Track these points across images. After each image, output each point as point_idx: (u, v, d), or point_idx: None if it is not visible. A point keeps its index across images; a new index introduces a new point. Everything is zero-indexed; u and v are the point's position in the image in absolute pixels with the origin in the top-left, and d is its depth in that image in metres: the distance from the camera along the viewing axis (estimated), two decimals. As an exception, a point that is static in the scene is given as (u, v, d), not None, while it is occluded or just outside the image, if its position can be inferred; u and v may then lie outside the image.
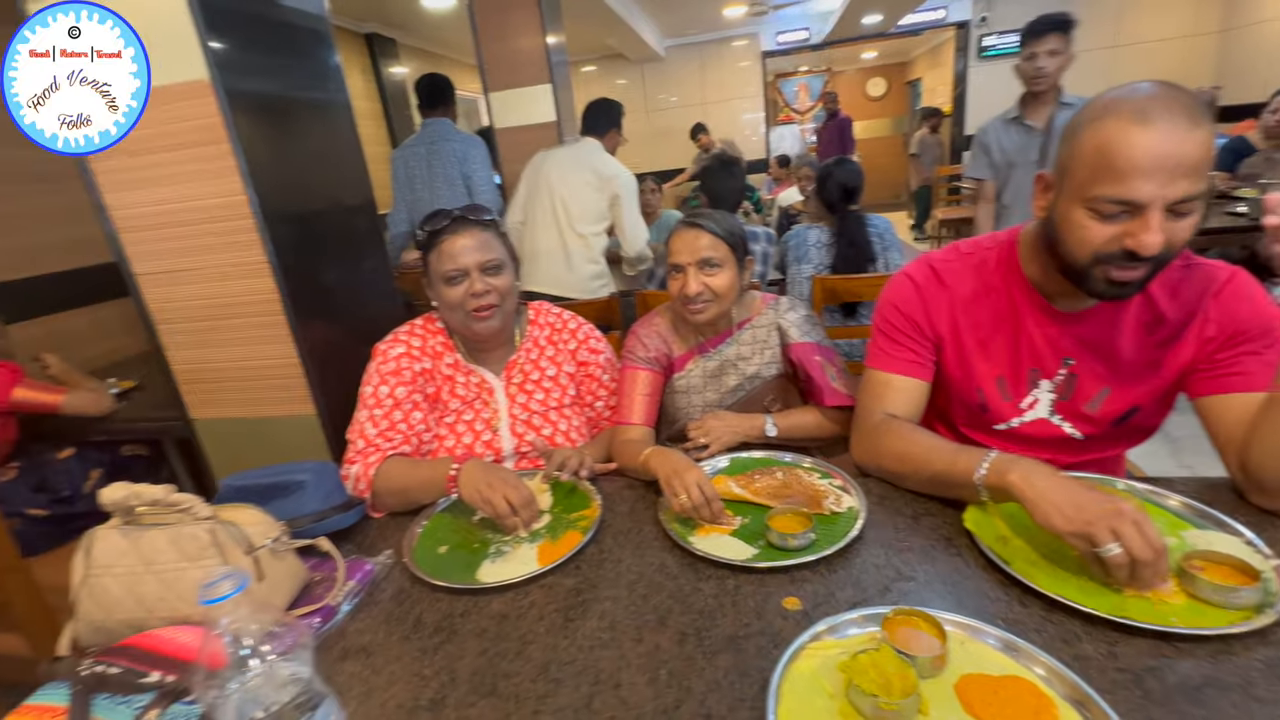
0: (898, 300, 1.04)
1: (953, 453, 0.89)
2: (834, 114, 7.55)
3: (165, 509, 0.75)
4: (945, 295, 1.01)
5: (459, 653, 0.75)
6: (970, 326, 1.00)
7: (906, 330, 1.03)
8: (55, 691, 0.64)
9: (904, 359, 1.03)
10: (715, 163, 2.36)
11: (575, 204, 2.42)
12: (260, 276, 1.12)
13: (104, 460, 1.93)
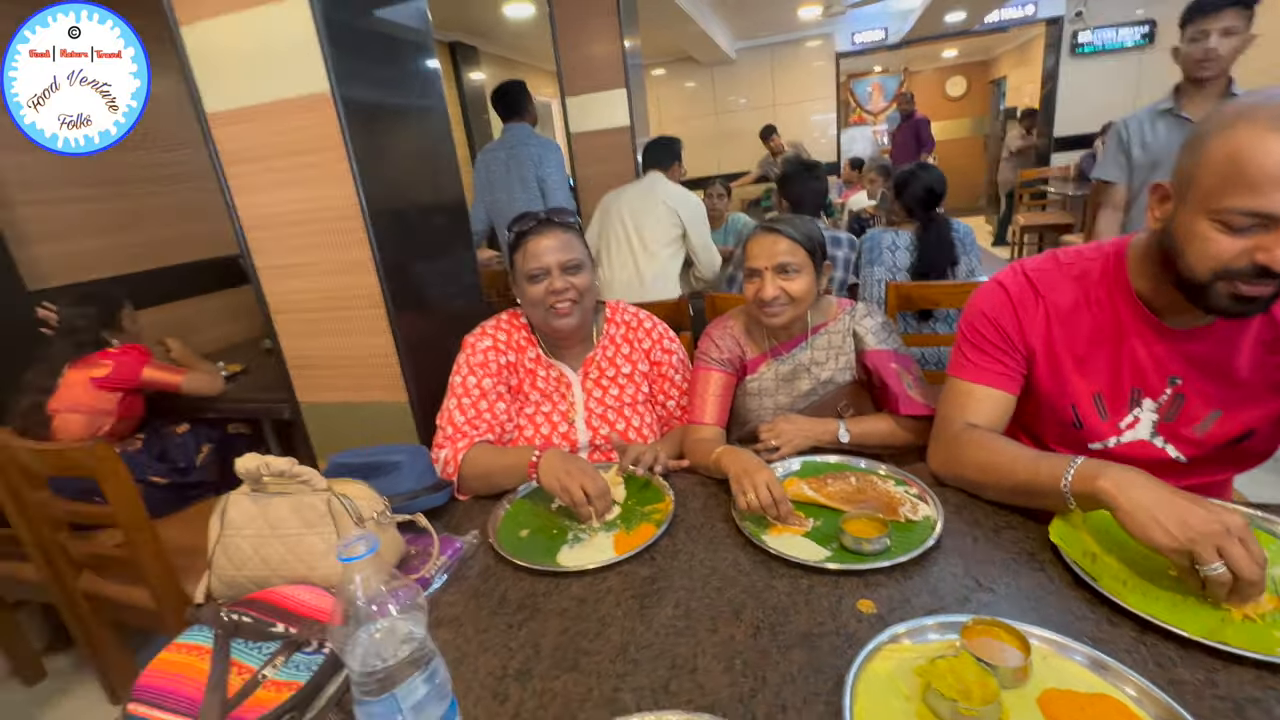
0: (988, 309, 1.01)
1: (1036, 460, 0.87)
2: (909, 115, 7.32)
3: (288, 480, 0.84)
4: (1041, 306, 0.97)
5: (542, 630, 0.79)
6: (1067, 340, 0.96)
7: (995, 341, 1.00)
8: (200, 633, 0.72)
9: (990, 370, 1.01)
10: (798, 166, 2.35)
11: (646, 229, 2.52)
12: (365, 272, 1.22)
13: (213, 436, 2.12)
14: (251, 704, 0.64)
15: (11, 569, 1.74)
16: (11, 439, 1.50)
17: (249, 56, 1.13)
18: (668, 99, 8.14)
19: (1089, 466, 0.80)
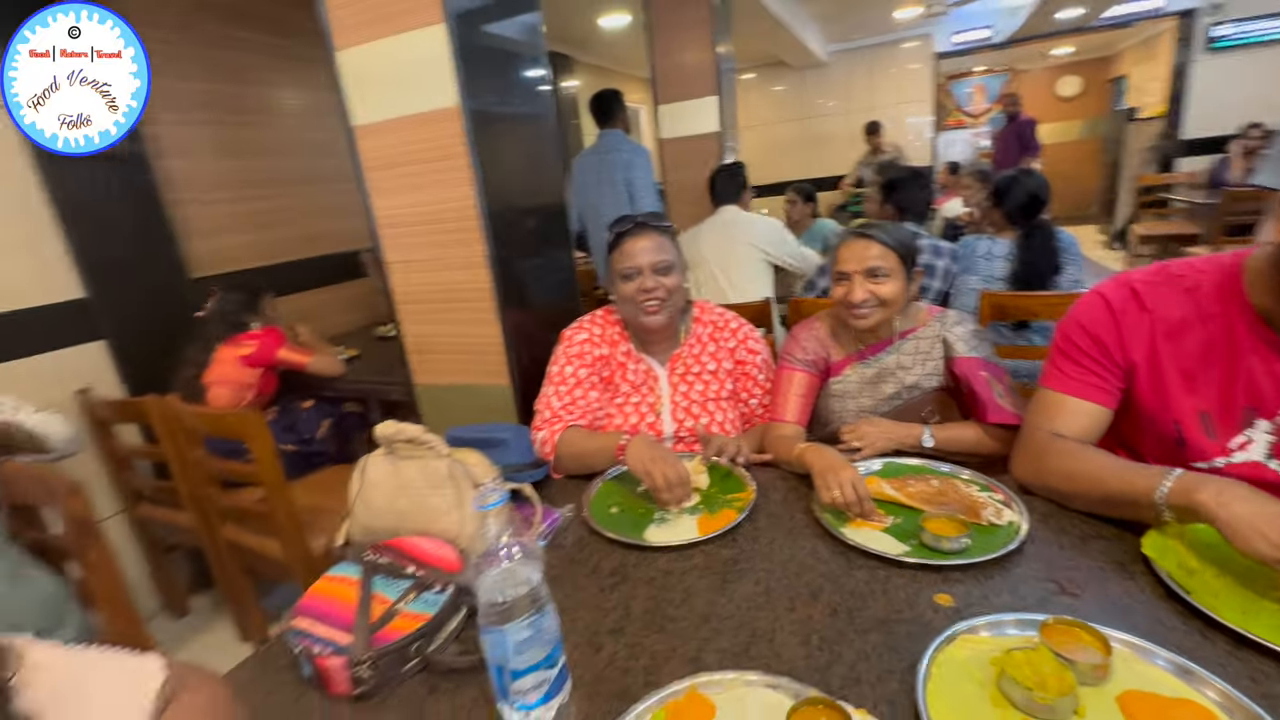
0: (1086, 321, 0.99)
1: (1130, 471, 0.85)
2: (1015, 116, 6.91)
3: (418, 445, 0.96)
4: (1145, 319, 0.95)
5: (632, 595, 0.87)
6: (1173, 355, 0.93)
7: (1093, 353, 0.98)
8: (349, 567, 0.85)
9: (1084, 381, 0.99)
10: (906, 173, 2.33)
11: (733, 269, 2.54)
12: (478, 268, 1.35)
13: (332, 413, 2.37)
14: (390, 629, 0.76)
15: (170, 516, 2.03)
16: (178, 403, 1.76)
17: (392, 76, 1.28)
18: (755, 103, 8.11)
19: (1188, 479, 0.78)
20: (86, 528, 1.18)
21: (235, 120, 2.62)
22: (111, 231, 2.08)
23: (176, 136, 2.35)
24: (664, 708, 0.66)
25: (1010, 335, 2.14)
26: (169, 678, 0.62)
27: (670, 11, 3.01)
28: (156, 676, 0.61)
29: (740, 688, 0.68)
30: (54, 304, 1.97)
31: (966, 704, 0.63)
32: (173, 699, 0.61)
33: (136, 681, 0.60)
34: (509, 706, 0.65)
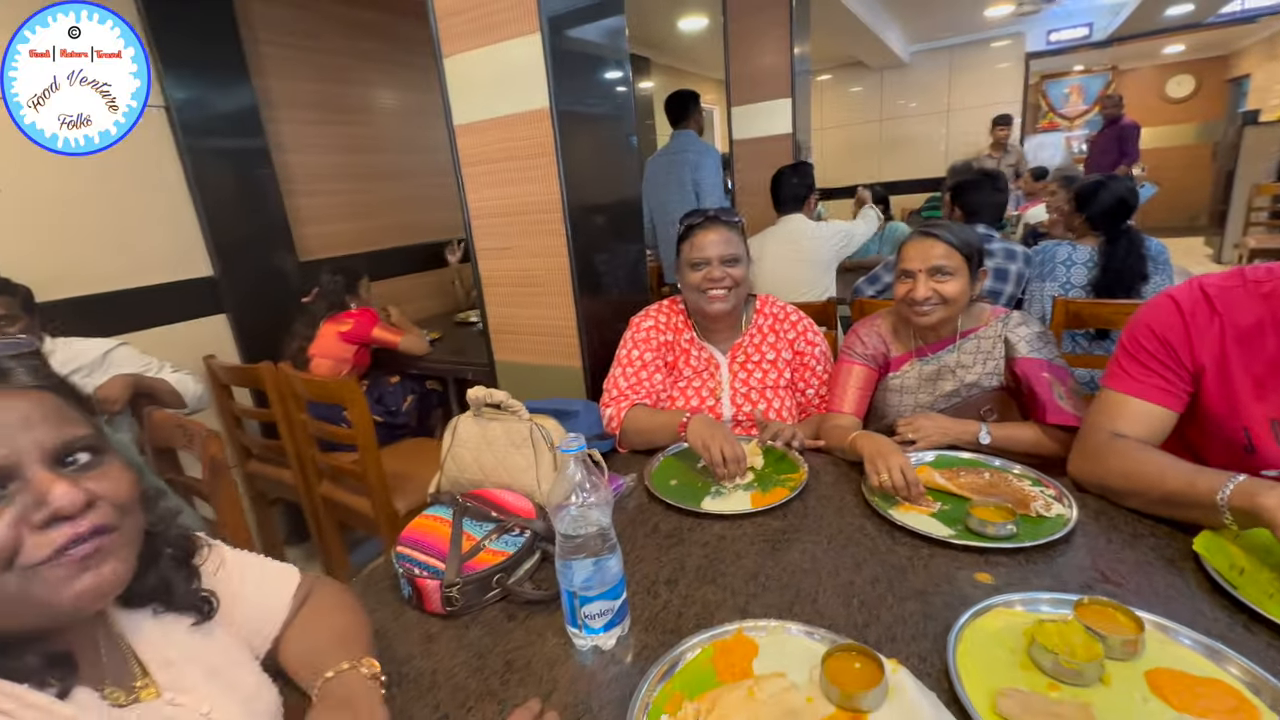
0: (1154, 323, 1.00)
1: (1191, 472, 0.86)
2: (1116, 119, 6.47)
3: (503, 409, 1.08)
4: (1216, 323, 0.94)
5: (687, 554, 0.96)
6: (1244, 360, 0.92)
7: (1159, 355, 0.98)
8: (440, 509, 0.98)
9: (1148, 383, 0.99)
10: (978, 175, 2.31)
11: (803, 282, 2.54)
12: (559, 256, 1.47)
13: (416, 389, 2.57)
14: (477, 560, 0.88)
15: (275, 473, 2.27)
16: (289, 370, 1.98)
17: (491, 80, 1.42)
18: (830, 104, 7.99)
19: (1251, 483, 0.79)
20: (220, 468, 1.38)
21: (341, 119, 2.88)
22: (237, 218, 2.35)
23: (292, 133, 2.62)
24: (713, 644, 0.74)
25: (1087, 345, 2.07)
26: (305, 579, 0.76)
27: (749, 14, 3.06)
28: (295, 579, 0.75)
29: (782, 634, 0.75)
30: (189, 280, 2.25)
31: (995, 667, 0.68)
32: (309, 598, 0.75)
33: (282, 577, 0.74)
34: (577, 629, 0.76)
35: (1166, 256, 2.07)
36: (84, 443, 0.50)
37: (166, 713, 0.54)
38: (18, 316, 1.64)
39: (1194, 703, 0.61)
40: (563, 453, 0.72)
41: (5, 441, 0.46)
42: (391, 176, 3.08)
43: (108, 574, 0.48)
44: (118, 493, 0.50)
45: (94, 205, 2.00)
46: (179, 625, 0.60)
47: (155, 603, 0.59)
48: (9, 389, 0.48)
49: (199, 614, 0.60)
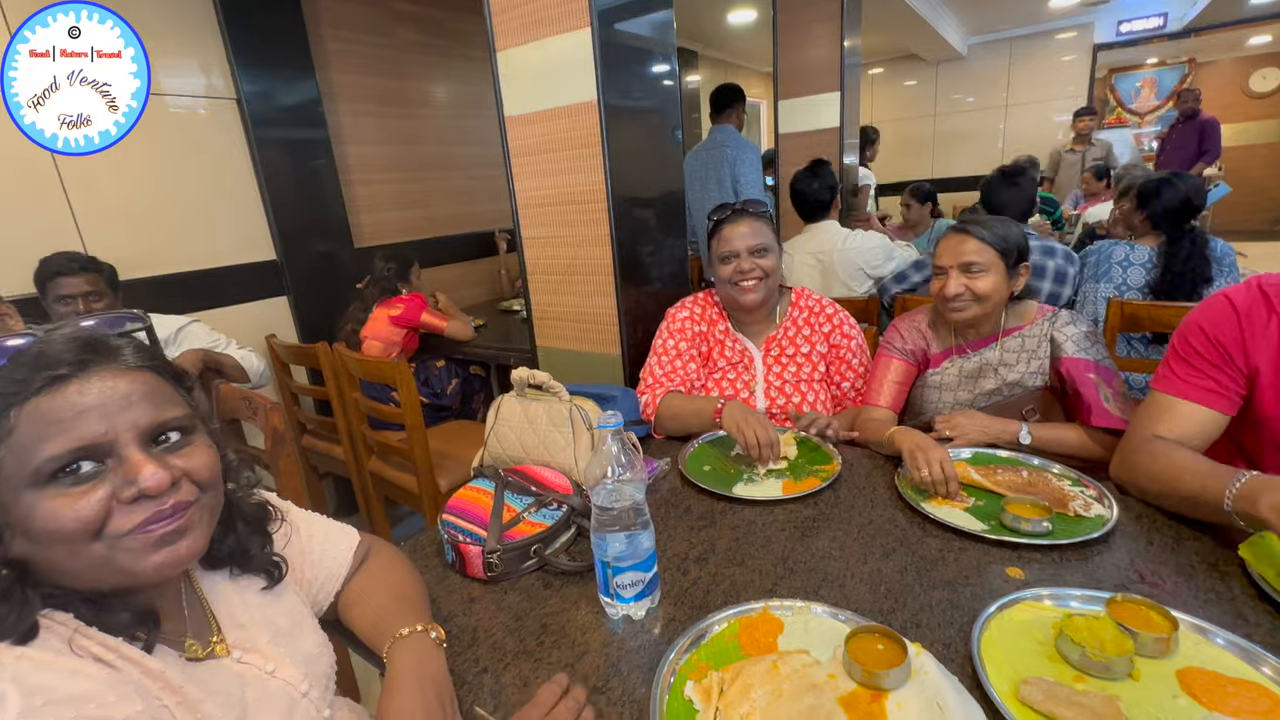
0: (1208, 323, 0.97)
1: (1206, 473, 0.85)
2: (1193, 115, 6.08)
3: (544, 391, 1.13)
4: (1274, 323, 0.92)
5: (717, 535, 0.98)
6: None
7: (1211, 357, 0.96)
8: (483, 482, 1.03)
9: (1199, 385, 0.97)
10: (996, 175, 2.23)
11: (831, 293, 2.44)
12: (602, 246, 1.51)
13: (460, 373, 2.66)
14: (516, 530, 0.92)
15: (328, 448, 2.39)
16: (344, 350, 2.08)
17: (541, 73, 1.46)
18: (883, 98, 7.80)
19: (1254, 484, 0.78)
20: (282, 439, 1.47)
21: (397, 112, 2.98)
22: (298, 205, 2.47)
23: (351, 125, 2.73)
24: (739, 620, 0.77)
25: (1143, 349, 2.00)
26: (361, 541, 0.82)
27: (799, 7, 3.03)
28: (355, 538, 0.81)
29: (807, 614, 0.77)
30: (255, 263, 2.38)
31: (1020, 656, 0.68)
32: (368, 557, 0.81)
33: (344, 536, 0.80)
34: (609, 597, 0.79)
35: (1233, 259, 1.97)
36: (177, 422, 0.55)
37: (236, 669, 0.59)
38: (104, 293, 1.78)
39: (1225, 702, 0.61)
40: (600, 429, 0.76)
41: (105, 419, 0.50)
42: (442, 167, 3.18)
43: (184, 548, 0.53)
44: (201, 471, 0.55)
45: (172, 191, 2.14)
46: (253, 587, 0.66)
47: (232, 565, 0.65)
48: (117, 368, 0.53)
49: (270, 578, 0.66)
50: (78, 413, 0.49)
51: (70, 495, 0.49)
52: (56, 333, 0.53)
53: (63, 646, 0.48)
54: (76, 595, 0.51)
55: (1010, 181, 2.16)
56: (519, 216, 1.64)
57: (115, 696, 0.47)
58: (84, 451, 0.49)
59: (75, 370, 0.50)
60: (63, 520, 0.48)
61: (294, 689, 0.61)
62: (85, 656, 0.49)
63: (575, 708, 0.63)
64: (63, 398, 0.49)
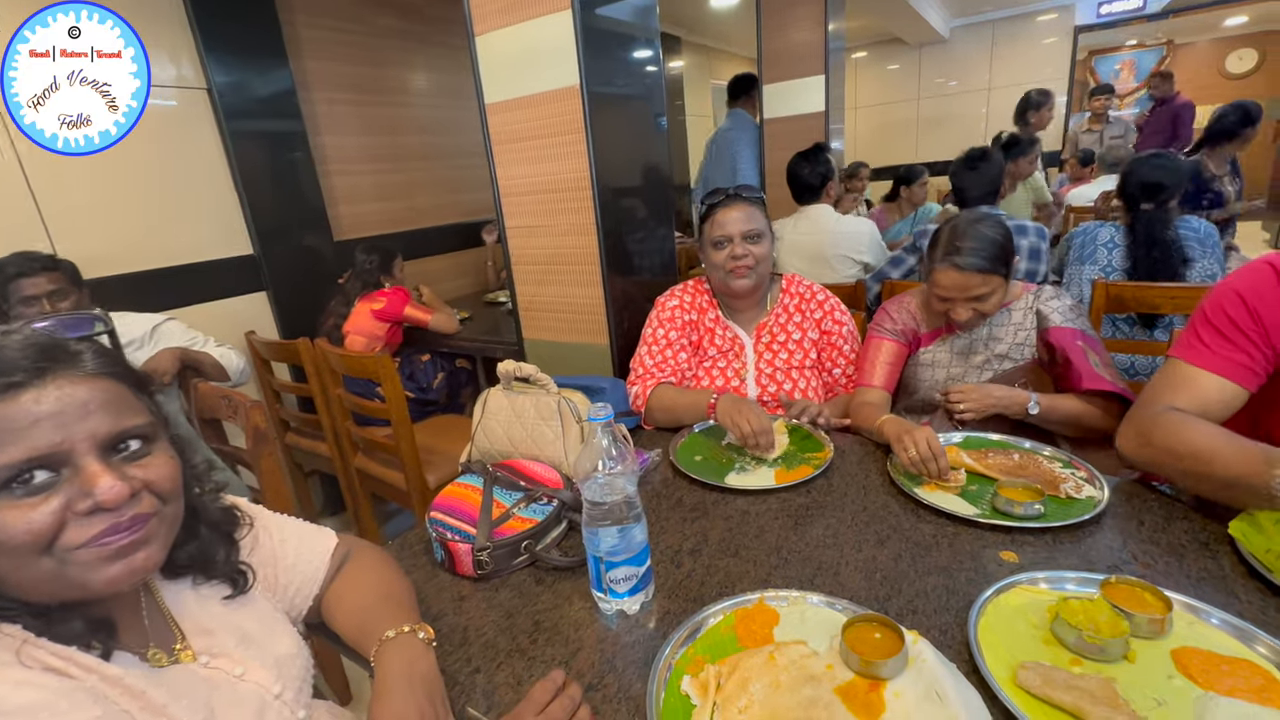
0: (1247, 291, 0.89)
1: (1244, 450, 0.80)
2: (1166, 99, 6.07)
3: (531, 383, 1.11)
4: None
5: (710, 526, 0.97)
6: None
7: (1245, 327, 0.89)
8: (471, 478, 1.01)
9: (1227, 357, 0.89)
10: (960, 160, 2.22)
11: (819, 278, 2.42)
12: (587, 235, 1.48)
13: (446, 366, 2.62)
14: (506, 527, 0.91)
15: (312, 445, 2.35)
16: (325, 346, 2.04)
17: (522, 57, 1.43)
18: (867, 82, 7.78)
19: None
20: (264, 437, 1.44)
21: (375, 101, 2.92)
22: (276, 198, 2.41)
23: (328, 115, 2.67)
24: (734, 612, 0.76)
25: (1129, 330, 2.01)
26: (340, 543, 0.79)
27: (782, -11, 3.00)
28: (332, 540, 0.79)
29: (803, 604, 0.76)
30: (232, 258, 2.33)
31: (1017, 641, 0.68)
32: (349, 558, 0.79)
33: (319, 539, 0.78)
34: (603, 593, 0.78)
35: (1215, 238, 1.98)
36: (138, 431, 0.52)
37: (203, 674, 0.57)
38: (68, 291, 1.71)
39: (1220, 681, 0.61)
40: (590, 421, 0.74)
41: (61, 429, 0.47)
42: (424, 157, 3.13)
43: (140, 561, 0.51)
44: (162, 482, 0.53)
45: (143, 186, 2.07)
46: (216, 595, 0.63)
47: (195, 573, 0.62)
48: (75, 374, 0.50)
49: (235, 586, 0.64)
50: (32, 421, 0.47)
51: (22, 506, 0.46)
52: (11, 336, 0.50)
53: (9, 658, 0.46)
54: (25, 607, 0.49)
55: (970, 166, 2.16)
56: (502, 206, 1.61)
57: (68, 704, 0.45)
58: (38, 461, 0.47)
59: (31, 377, 0.48)
60: (12, 531, 0.45)
61: (265, 691, 0.60)
62: (35, 667, 0.47)
63: (570, 705, 0.62)
64: (17, 405, 0.47)
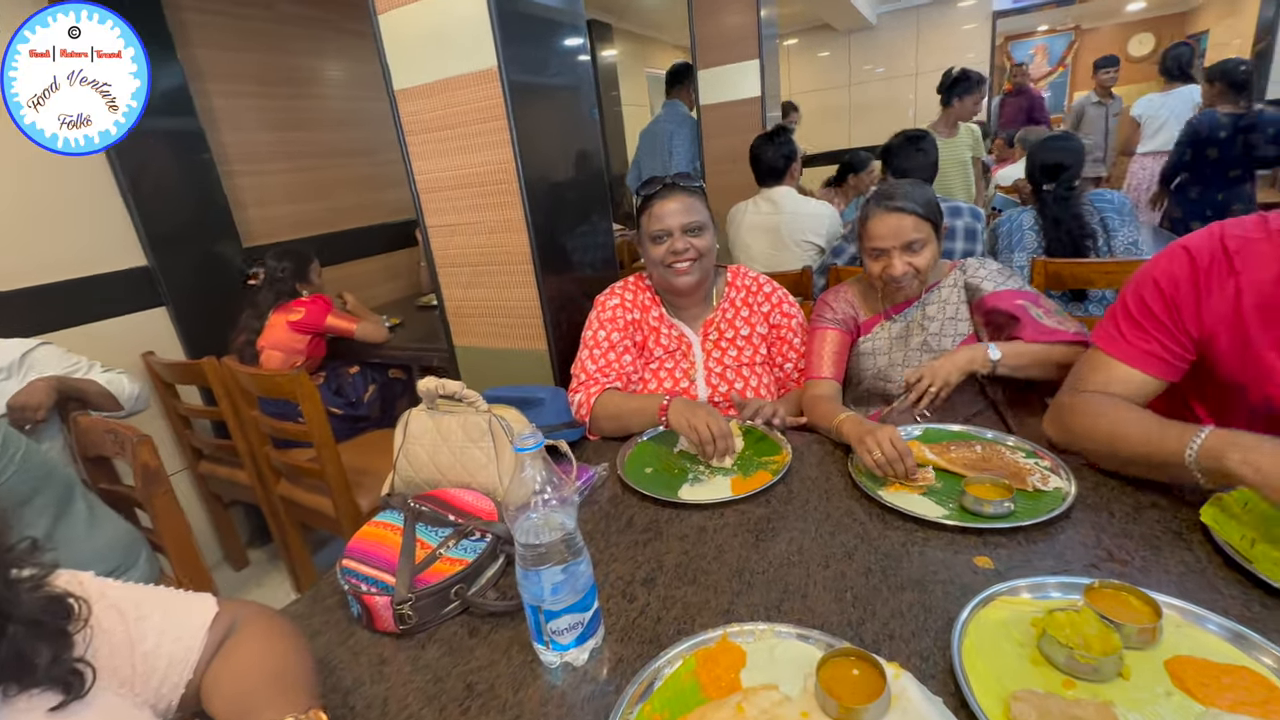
0: (1164, 279, 0.89)
1: (1159, 428, 0.81)
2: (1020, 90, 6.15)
3: (457, 401, 0.99)
4: (1232, 284, 0.85)
5: (665, 549, 0.88)
6: (1266, 322, 0.83)
7: (1162, 317, 0.89)
8: (392, 515, 0.89)
9: (1143, 349, 0.91)
10: (900, 138, 2.21)
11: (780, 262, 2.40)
12: (517, 232, 1.36)
13: (377, 378, 2.44)
14: (432, 572, 0.79)
15: (229, 473, 2.14)
16: (234, 365, 1.84)
17: (431, 38, 1.29)
18: (799, 69, 7.85)
19: (1217, 438, 0.74)
20: (154, 475, 1.26)
21: (282, 93, 2.68)
22: (172, 203, 2.17)
23: (228, 109, 2.43)
24: (695, 654, 0.67)
25: (1067, 307, 2.04)
26: (221, 612, 0.65)
27: (712, -27, 2.93)
28: (210, 610, 0.65)
29: (771, 638, 0.68)
30: (120, 271, 2.07)
31: (1005, 662, 0.62)
32: (235, 630, 0.65)
33: (193, 611, 0.64)
34: (544, 645, 0.68)
35: (1130, 209, 2.03)
36: None
37: None
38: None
39: (1220, 695, 0.56)
40: (518, 452, 0.63)
41: None
42: (342, 153, 2.91)
43: None
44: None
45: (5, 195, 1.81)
46: (40, 705, 0.49)
47: (7, 682, 0.49)
48: None
49: (67, 691, 0.50)
50: None
51: None
52: None
53: None
54: None
55: (916, 146, 2.15)
56: (420, 202, 1.46)
57: None
58: None
59: None
60: None
61: None
62: None
63: None
64: None
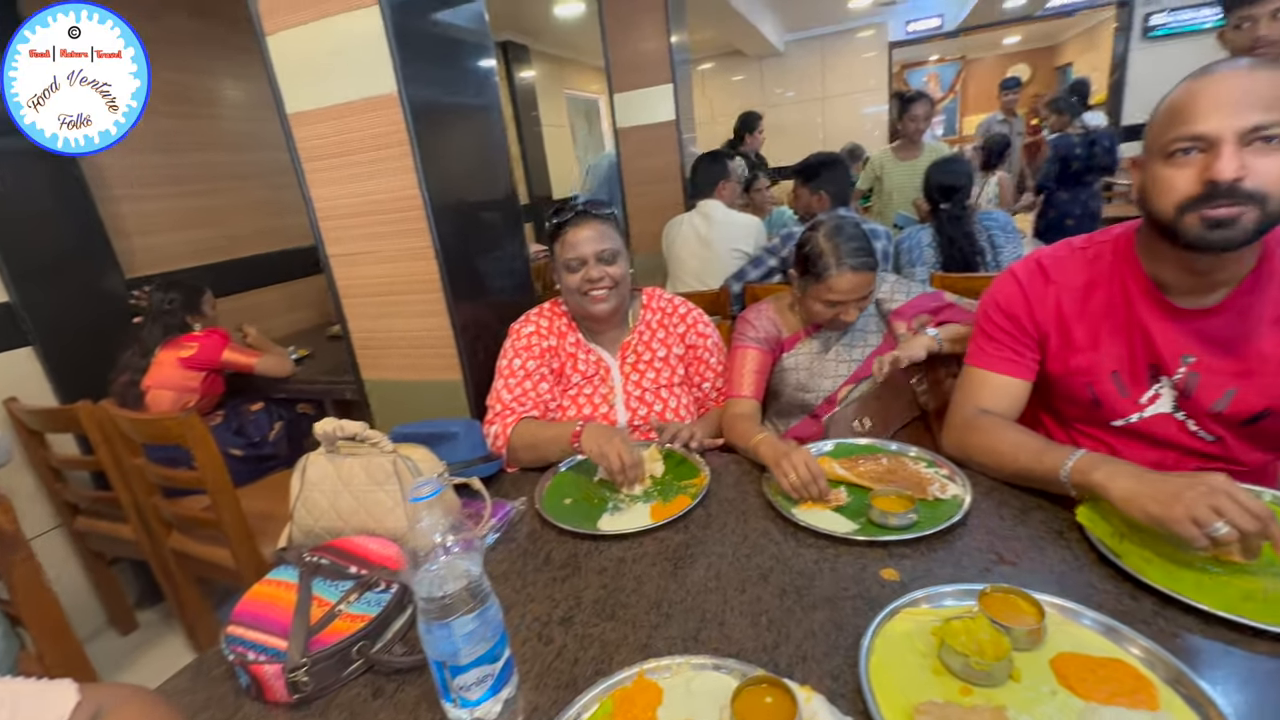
0: (1000, 298, 1.05)
1: (1039, 449, 0.91)
2: None
3: (359, 442, 0.93)
4: (1051, 291, 1.00)
5: (583, 585, 0.86)
6: (1079, 320, 0.98)
7: (1008, 328, 1.04)
8: (287, 571, 0.82)
9: (1002, 357, 1.04)
10: (830, 157, 2.34)
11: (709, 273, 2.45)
12: (425, 259, 1.31)
13: (284, 414, 2.29)
14: (330, 631, 0.74)
15: (112, 528, 1.94)
16: (113, 409, 1.68)
17: (326, 61, 1.23)
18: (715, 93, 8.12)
19: (1085, 460, 0.84)
20: (11, 541, 1.12)
21: (172, 112, 2.50)
22: (38, 232, 1.97)
23: (105, 129, 2.23)
24: (611, 695, 0.65)
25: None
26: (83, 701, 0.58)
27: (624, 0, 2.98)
28: (68, 700, 0.57)
29: (687, 671, 0.67)
30: (-27, 308, 1.86)
31: (908, 675, 0.64)
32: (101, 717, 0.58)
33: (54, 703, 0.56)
34: (451, 703, 0.64)
35: (1014, 228, 2.22)
36: None
37: None
38: None
39: (1098, 688, 0.60)
40: (413, 502, 0.60)
41: None
42: (238, 176, 2.74)
43: None
44: None
45: None
46: None
47: None
48: None
49: None
50: None
51: None
52: None
53: None
54: None
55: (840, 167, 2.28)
56: (321, 231, 1.39)
57: None
58: None
59: None
60: None
61: None
62: None
63: None
64: None
